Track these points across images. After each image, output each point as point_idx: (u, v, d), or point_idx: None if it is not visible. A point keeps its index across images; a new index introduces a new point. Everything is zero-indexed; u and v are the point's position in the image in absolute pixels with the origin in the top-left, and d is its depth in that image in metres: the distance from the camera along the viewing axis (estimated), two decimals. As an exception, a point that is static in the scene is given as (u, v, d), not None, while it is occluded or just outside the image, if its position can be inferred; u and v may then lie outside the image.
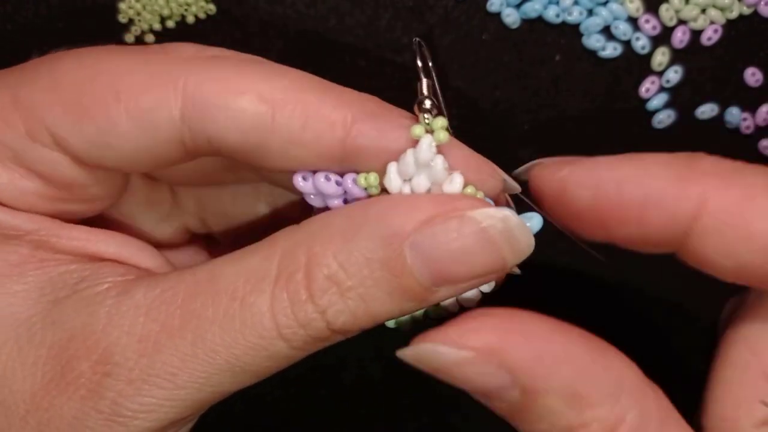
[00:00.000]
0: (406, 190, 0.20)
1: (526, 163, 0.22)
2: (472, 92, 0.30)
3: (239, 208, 0.25)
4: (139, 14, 0.30)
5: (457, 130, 0.22)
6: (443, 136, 0.20)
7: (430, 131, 0.20)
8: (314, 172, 0.20)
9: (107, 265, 0.20)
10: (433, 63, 0.22)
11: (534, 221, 0.21)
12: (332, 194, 0.20)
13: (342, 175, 0.20)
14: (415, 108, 0.20)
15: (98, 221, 0.24)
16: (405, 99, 0.30)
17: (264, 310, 0.18)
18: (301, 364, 0.19)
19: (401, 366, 0.21)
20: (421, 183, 0.20)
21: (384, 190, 0.20)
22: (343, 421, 0.35)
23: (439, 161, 0.20)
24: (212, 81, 0.19)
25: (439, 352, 0.19)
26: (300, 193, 0.21)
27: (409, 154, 0.20)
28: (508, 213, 0.18)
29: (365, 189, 0.20)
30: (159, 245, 0.25)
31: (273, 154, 0.19)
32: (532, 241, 0.19)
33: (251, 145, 0.19)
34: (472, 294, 0.22)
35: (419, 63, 0.22)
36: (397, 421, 0.36)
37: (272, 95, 0.19)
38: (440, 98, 0.21)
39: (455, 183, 0.20)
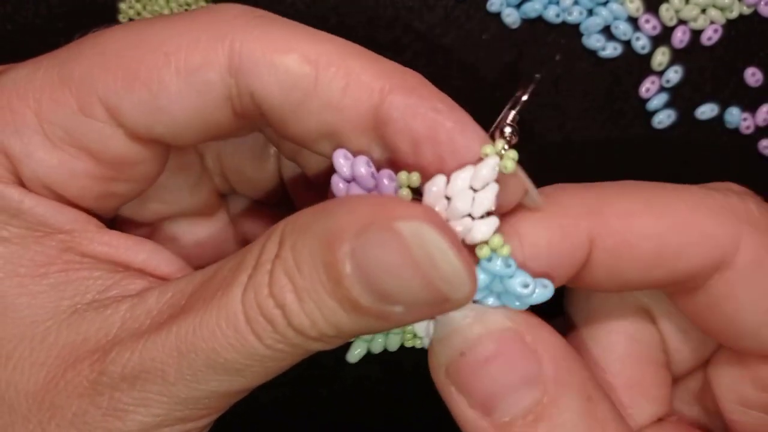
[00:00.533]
0: (441, 204, 0.19)
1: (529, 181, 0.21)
2: (472, 92, 0.30)
3: (254, 163, 0.26)
4: (139, 14, 0.30)
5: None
6: (510, 165, 0.19)
7: (499, 155, 0.19)
8: (355, 155, 0.19)
9: (132, 275, 0.20)
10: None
11: (546, 291, 0.19)
12: (364, 181, 0.19)
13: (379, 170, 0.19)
14: (497, 131, 0.20)
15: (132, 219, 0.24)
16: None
17: (237, 301, 0.17)
18: (300, 363, 0.19)
19: (401, 366, 0.21)
20: (461, 207, 0.18)
21: (417, 195, 0.19)
22: (342, 421, 0.35)
23: (493, 190, 0.19)
24: (259, 39, 0.19)
25: (476, 319, 0.19)
26: (325, 177, 0.21)
27: (467, 170, 0.19)
28: (434, 234, 0.16)
29: (399, 187, 0.19)
30: (195, 214, 0.25)
31: (311, 115, 0.19)
32: (458, 270, 0.16)
33: (291, 105, 0.19)
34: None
35: (524, 97, 0.22)
36: (396, 422, 0.36)
37: (317, 57, 0.19)
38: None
39: (489, 224, 0.19)
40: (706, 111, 0.30)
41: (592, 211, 0.21)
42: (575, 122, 0.31)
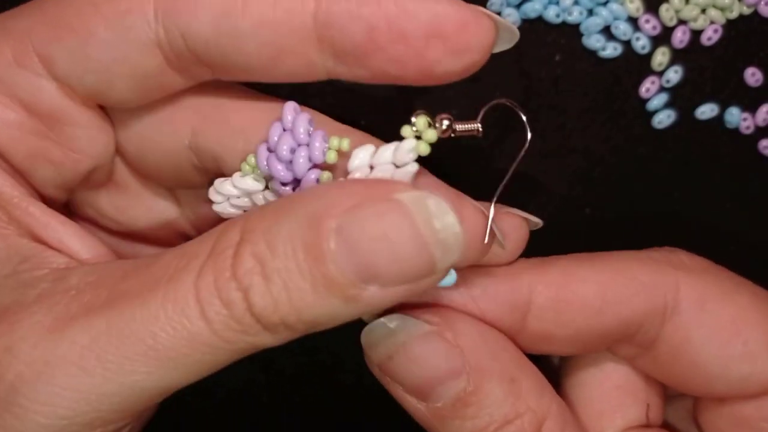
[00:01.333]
0: (363, 172, 0.20)
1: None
2: (472, 92, 0.30)
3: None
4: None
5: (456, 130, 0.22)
6: (424, 148, 0.20)
7: (418, 137, 0.20)
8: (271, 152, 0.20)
9: (52, 252, 0.20)
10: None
11: (449, 278, 0.20)
12: (299, 136, 0.20)
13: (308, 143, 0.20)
14: (437, 116, 0.20)
15: (93, 215, 0.24)
16: (405, 99, 0.30)
17: (189, 285, 0.17)
18: (299, 363, 0.19)
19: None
20: (381, 176, 0.20)
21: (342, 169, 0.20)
22: (339, 421, 0.35)
23: (408, 173, 0.20)
24: None
25: (400, 326, 0.20)
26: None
27: (388, 148, 0.20)
28: (441, 203, 0.17)
29: (328, 149, 0.20)
30: (153, 243, 0.25)
31: (248, 40, 0.19)
32: (460, 244, 0.17)
33: (225, 36, 0.19)
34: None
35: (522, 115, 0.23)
36: (393, 420, 0.36)
37: None
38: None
39: None
40: (706, 111, 0.30)
41: (534, 266, 0.22)
42: (575, 122, 0.31)
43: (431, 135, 0.20)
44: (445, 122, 0.20)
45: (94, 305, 0.17)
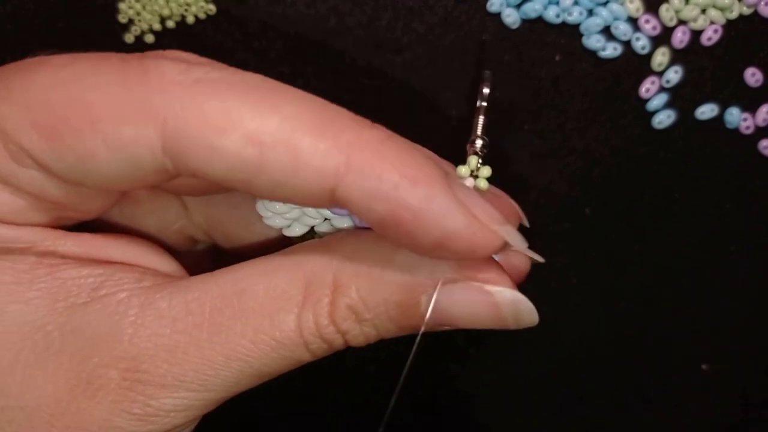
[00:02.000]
0: None
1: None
2: (472, 92, 0.30)
3: (240, 221, 0.25)
4: (138, 14, 0.30)
5: (456, 130, 0.22)
6: (483, 184, 0.21)
7: (474, 175, 0.21)
8: None
9: (120, 269, 0.20)
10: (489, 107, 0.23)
11: None
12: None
13: None
14: (468, 146, 0.22)
15: (102, 226, 0.24)
16: (404, 99, 0.30)
17: (292, 328, 0.20)
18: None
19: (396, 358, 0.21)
20: None
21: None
22: (339, 410, 0.35)
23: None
24: (196, 116, 0.17)
25: None
26: None
27: None
28: (520, 297, 0.20)
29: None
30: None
31: (262, 191, 0.18)
32: (536, 319, 0.21)
33: (238, 182, 0.18)
34: None
35: (484, 95, 0.23)
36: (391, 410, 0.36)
37: (261, 136, 0.17)
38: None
39: None
40: (706, 111, 0.30)
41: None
42: (575, 122, 0.31)
43: (486, 171, 0.21)
44: (479, 144, 0.22)
45: (200, 338, 0.19)
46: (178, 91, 0.17)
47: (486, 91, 0.23)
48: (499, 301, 0.20)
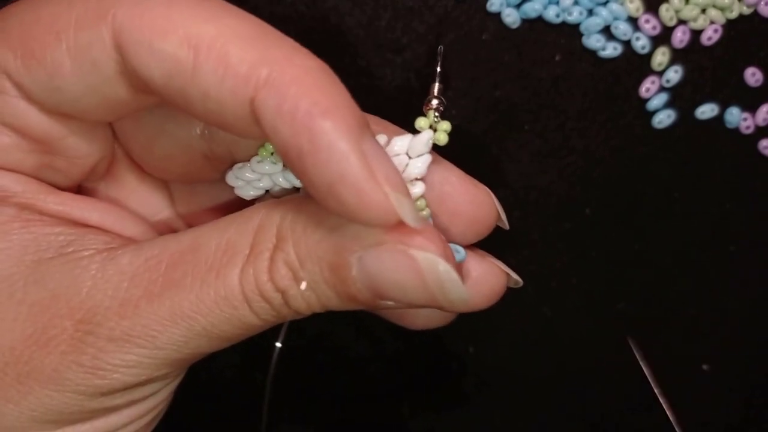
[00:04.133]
0: None
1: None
2: (472, 92, 0.30)
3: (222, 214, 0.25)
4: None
5: (457, 130, 0.22)
6: (443, 138, 0.21)
7: (433, 129, 0.21)
8: None
9: (92, 232, 0.21)
10: (445, 74, 0.23)
11: (457, 255, 0.21)
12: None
13: None
14: (425, 105, 0.21)
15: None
16: (404, 99, 0.30)
17: (235, 283, 0.19)
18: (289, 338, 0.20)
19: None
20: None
21: None
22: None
23: (425, 160, 0.20)
24: (141, 15, 0.18)
25: None
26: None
27: (406, 137, 0.20)
28: (448, 269, 0.18)
29: None
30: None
31: (195, 103, 0.18)
32: (464, 295, 0.19)
33: (174, 90, 0.18)
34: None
35: (438, 68, 0.22)
36: (385, 403, 0.36)
37: (196, 40, 0.17)
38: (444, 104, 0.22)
39: (415, 189, 0.20)
40: (706, 111, 0.30)
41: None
42: (575, 122, 0.31)
43: (446, 125, 0.21)
44: (435, 104, 0.21)
45: (153, 292, 0.19)
46: None
47: (439, 61, 0.24)
48: (422, 267, 0.18)
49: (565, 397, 0.34)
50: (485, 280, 0.22)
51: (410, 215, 0.17)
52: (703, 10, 0.29)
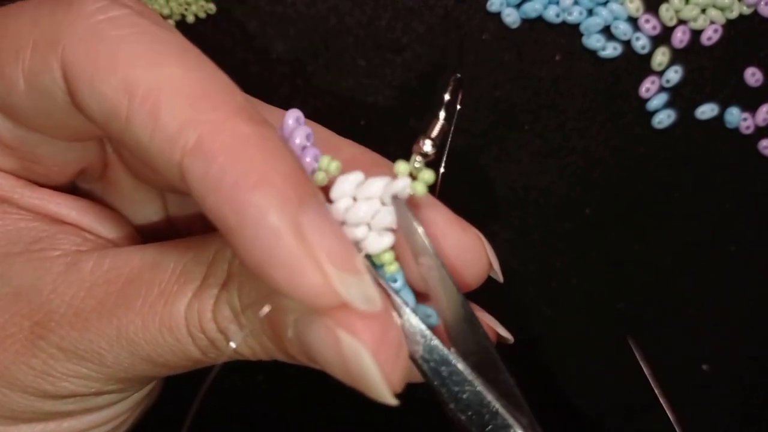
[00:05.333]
0: (346, 201, 0.18)
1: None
2: (472, 92, 0.30)
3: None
4: (139, 14, 0.30)
5: (457, 130, 0.22)
6: (421, 189, 0.18)
7: (414, 177, 0.18)
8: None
9: (65, 231, 0.21)
10: (454, 112, 0.20)
11: (431, 319, 0.19)
12: (295, 149, 0.19)
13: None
14: (415, 145, 0.19)
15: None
16: (404, 99, 0.30)
17: (181, 316, 0.19)
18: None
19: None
20: (362, 215, 0.18)
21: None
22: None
23: (391, 212, 0.18)
24: (88, 51, 0.17)
25: None
26: None
27: (383, 179, 0.18)
28: (370, 363, 0.16)
29: (318, 170, 0.18)
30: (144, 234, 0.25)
31: (132, 150, 0.17)
32: (384, 394, 0.17)
33: (114, 131, 0.17)
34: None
35: (447, 97, 0.20)
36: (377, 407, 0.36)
37: (133, 87, 0.16)
38: (446, 147, 0.20)
39: (382, 241, 0.18)
40: (706, 111, 0.30)
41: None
42: (575, 122, 0.31)
43: (428, 175, 0.18)
44: (426, 149, 0.19)
45: (105, 307, 0.19)
46: (84, 24, 0.17)
47: (447, 97, 0.21)
48: (345, 351, 0.16)
49: (565, 397, 0.34)
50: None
51: (359, 296, 0.15)
52: (703, 10, 0.29)
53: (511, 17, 0.29)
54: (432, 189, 0.19)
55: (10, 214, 0.20)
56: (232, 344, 0.18)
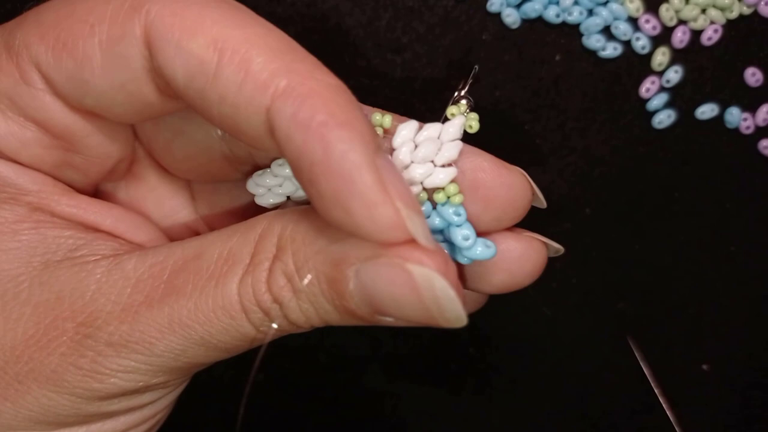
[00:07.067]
0: (408, 147, 0.20)
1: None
2: (472, 92, 0.30)
3: (244, 215, 0.25)
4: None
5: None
6: (476, 125, 0.21)
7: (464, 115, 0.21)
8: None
9: (102, 237, 0.21)
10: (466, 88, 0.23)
11: (488, 250, 0.21)
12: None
13: None
14: (453, 99, 0.22)
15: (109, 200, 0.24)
16: (404, 99, 0.30)
17: (233, 293, 0.19)
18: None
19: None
20: (427, 153, 0.20)
21: (386, 135, 0.21)
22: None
23: (456, 145, 0.20)
24: (173, 14, 0.18)
25: None
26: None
27: (434, 126, 0.21)
28: (445, 285, 0.18)
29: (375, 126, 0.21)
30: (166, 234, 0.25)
31: (212, 106, 0.18)
32: (461, 315, 0.18)
33: (194, 91, 0.18)
34: None
35: (467, 84, 0.23)
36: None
37: (224, 44, 0.17)
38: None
39: (448, 172, 0.20)
40: (706, 111, 0.30)
41: None
42: (575, 122, 0.31)
43: (474, 114, 0.21)
44: (464, 101, 0.22)
45: (153, 298, 0.19)
46: None
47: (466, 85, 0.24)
48: (418, 282, 0.17)
49: (565, 397, 0.34)
50: (527, 257, 0.22)
51: (422, 234, 0.17)
52: (703, 10, 0.29)
53: (511, 17, 0.29)
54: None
55: (45, 222, 0.20)
56: (306, 280, 0.19)
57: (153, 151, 0.24)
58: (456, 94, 0.22)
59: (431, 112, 0.31)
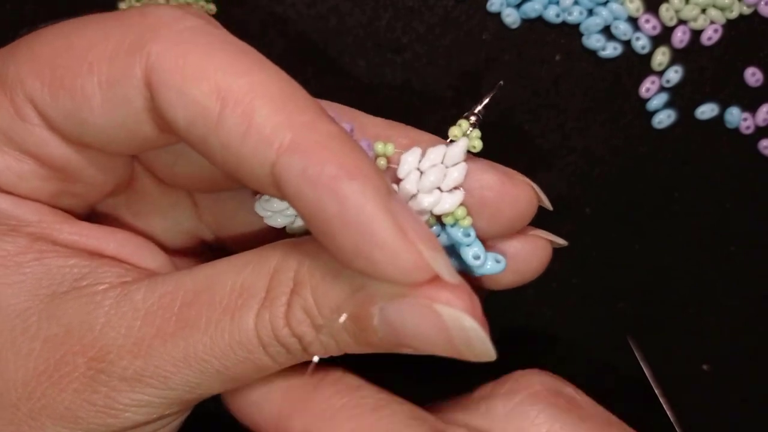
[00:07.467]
0: (414, 175, 0.21)
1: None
2: (473, 92, 0.30)
3: (250, 221, 0.25)
4: (139, 14, 0.30)
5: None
6: (479, 144, 0.21)
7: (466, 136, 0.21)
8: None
9: (106, 264, 0.21)
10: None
11: (498, 265, 0.21)
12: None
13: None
14: (466, 115, 0.22)
15: (110, 221, 0.24)
16: (405, 99, 0.30)
17: (250, 327, 0.19)
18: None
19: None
20: (433, 180, 0.20)
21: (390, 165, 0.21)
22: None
23: (461, 168, 0.21)
24: (176, 57, 0.18)
25: None
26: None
27: (440, 147, 0.21)
28: (474, 325, 0.18)
29: (376, 157, 0.21)
30: (169, 251, 0.25)
31: (215, 153, 0.18)
32: (490, 352, 0.18)
33: (196, 136, 0.18)
34: None
35: (487, 99, 0.23)
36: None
37: (227, 93, 0.17)
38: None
39: (455, 197, 0.21)
40: (706, 111, 0.30)
41: None
42: (575, 122, 0.31)
43: (477, 133, 0.21)
44: (473, 118, 0.22)
45: (166, 332, 0.19)
46: (167, 33, 0.18)
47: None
48: (448, 324, 0.18)
49: (565, 397, 0.34)
50: (533, 255, 0.22)
51: (446, 271, 0.17)
52: (703, 10, 0.29)
53: (511, 17, 0.29)
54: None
55: (47, 252, 0.20)
56: (342, 318, 0.19)
57: (154, 171, 0.23)
58: (474, 109, 0.22)
59: (431, 112, 0.31)
